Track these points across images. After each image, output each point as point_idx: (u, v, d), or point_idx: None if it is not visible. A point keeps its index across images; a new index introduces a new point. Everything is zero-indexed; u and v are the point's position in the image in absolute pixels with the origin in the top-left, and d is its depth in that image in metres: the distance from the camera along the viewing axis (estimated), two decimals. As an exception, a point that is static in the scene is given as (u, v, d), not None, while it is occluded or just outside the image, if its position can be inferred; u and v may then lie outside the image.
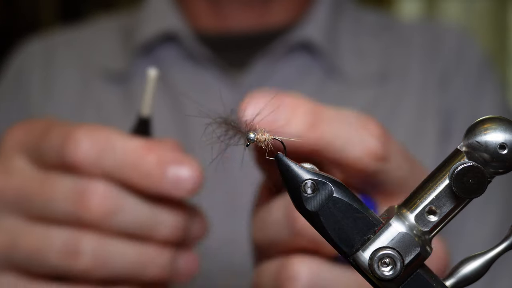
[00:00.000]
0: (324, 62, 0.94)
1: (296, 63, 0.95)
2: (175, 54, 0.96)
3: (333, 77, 0.94)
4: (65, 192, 0.50)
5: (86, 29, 1.07)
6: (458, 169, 0.32)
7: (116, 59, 0.97)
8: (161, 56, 0.96)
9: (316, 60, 0.94)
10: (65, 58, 1.00)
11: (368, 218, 0.33)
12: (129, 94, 0.95)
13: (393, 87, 0.95)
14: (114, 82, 0.96)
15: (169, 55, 0.96)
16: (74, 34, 1.06)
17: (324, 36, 0.94)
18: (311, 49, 0.94)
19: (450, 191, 0.33)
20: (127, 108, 0.94)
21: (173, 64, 0.96)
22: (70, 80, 0.98)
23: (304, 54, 0.95)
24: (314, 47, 0.94)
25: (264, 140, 0.35)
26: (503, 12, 3.49)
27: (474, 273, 0.34)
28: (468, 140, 0.33)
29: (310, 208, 0.33)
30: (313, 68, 0.95)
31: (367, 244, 0.33)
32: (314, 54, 0.94)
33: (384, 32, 1.00)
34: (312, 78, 0.94)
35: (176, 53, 0.96)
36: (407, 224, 0.33)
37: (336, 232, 0.33)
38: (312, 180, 0.33)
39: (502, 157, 0.32)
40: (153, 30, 0.95)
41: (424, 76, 0.96)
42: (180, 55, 0.96)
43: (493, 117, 0.33)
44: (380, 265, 0.32)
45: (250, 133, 0.36)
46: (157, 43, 0.96)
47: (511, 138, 0.32)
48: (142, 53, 0.96)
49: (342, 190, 0.33)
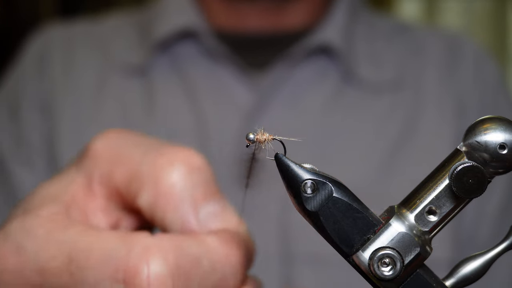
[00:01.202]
0: (341, 66, 0.94)
1: (314, 67, 0.95)
2: (193, 51, 0.96)
3: (350, 82, 0.94)
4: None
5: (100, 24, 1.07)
6: (458, 169, 0.32)
7: (134, 53, 0.98)
8: (179, 52, 0.97)
9: (334, 64, 0.94)
10: (85, 49, 1.01)
11: (368, 218, 0.33)
12: (148, 88, 0.95)
13: (409, 96, 0.94)
14: (133, 76, 0.96)
15: (187, 51, 0.97)
16: (91, 27, 1.06)
17: (343, 39, 0.94)
18: (330, 52, 0.94)
19: (450, 191, 0.33)
20: (146, 102, 0.94)
21: (191, 61, 0.96)
22: (90, 71, 0.98)
23: (322, 57, 0.95)
24: (332, 50, 0.93)
25: (264, 140, 0.35)
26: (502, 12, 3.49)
27: (474, 273, 0.34)
28: (468, 140, 0.33)
29: (310, 208, 0.33)
30: (330, 72, 0.94)
31: (367, 244, 0.33)
32: (332, 57, 0.94)
33: (398, 38, 1.00)
34: (329, 82, 0.94)
35: (194, 50, 0.96)
36: (407, 224, 0.33)
37: (336, 232, 0.33)
38: (312, 180, 0.33)
39: (502, 157, 0.32)
40: (171, 26, 0.95)
41: (440, 93, 0.95)
42: (198, 52, 0.96)
43: (493, 117, 0.33)
44: (380, 265, 0.32)
45: (250, 133, 0.36)
46: (175, 40, 0.96)
47: (511, 138, 0.32)
48: (160, 48, 0.96)
49: (342, 190, 0.33)
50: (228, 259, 0.40)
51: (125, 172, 0.43)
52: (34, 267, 0.40)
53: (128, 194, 0.43)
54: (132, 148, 0.44)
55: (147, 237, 0.39)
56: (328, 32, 0.94)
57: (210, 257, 0.39)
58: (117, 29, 1.03)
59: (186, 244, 0.39)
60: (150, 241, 0.38)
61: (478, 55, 1.00)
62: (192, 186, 0.42)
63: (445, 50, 1.00)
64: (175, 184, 0.41)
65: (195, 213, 0.42)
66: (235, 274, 0.40)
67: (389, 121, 0.93)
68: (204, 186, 0.42)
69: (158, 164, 0.42)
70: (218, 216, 0.42)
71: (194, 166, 0.42)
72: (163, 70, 0.96)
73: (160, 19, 0.97)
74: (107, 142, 0.44)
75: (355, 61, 0.94)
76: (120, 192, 0.43)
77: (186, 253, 0.39)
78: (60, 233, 0.40)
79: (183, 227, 0.41)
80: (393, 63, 0.97)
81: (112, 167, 0.43)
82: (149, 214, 0.42)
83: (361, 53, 0.96)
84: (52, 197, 0.43)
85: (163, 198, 0.41)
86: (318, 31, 0.95)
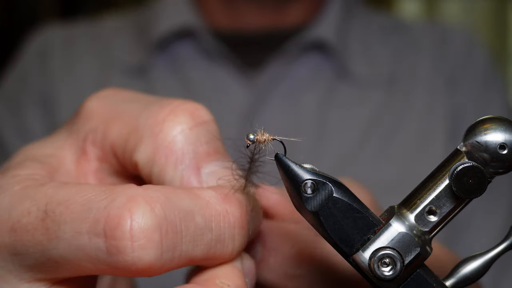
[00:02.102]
0: (336, 62, 0.95)
1: (309, 64, 0.96)
2: (190, 50, 0.97)
3: (344, 78, 0.95)
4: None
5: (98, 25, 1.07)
6: (458, 169, 0.32)
7: (133, 53, 0.98)
8: (177, 51, 0.97)
9: (328, 60, 0.95)
10: (84, 50, 1.01)
11: (368, 218, 0.33)
12: (146, 87, 0.95)
13: (402, 89, 0.96)
14: (133, 75, 0.97)
15: (184, 51, 0.97)
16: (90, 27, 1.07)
17: (337, 36, 0.95)
18: (324, 48, 0.95)
19: (450, 191, 0.33)
20: None
21: (189, 60, 0.97)
22: (89, 70, 0.99)
23: (317, 54, 0.96)
24: (326, 47, 0.95)
25: (264, 140, 0.35)
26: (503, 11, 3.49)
27: (474, 273, 0.34)
28: (468, 140, 0.33)
29: (310, 208, 0.33)
30: (324, 69, 0.96)
31: (367, 244, 0.33)
32: (327, 54, 0.95)
33: (393, 34, 1.02)
34: (323, 79, 0.95)
35: (192, 49, 0.97)
36: (407, 224, 0.33)
37: (336, 232, 0.33)
38: (312, 180, 0.33)
39: (502, 157, 0.32)
40: (169, 25, 0.96)
41: (432, 77, 0.97)
42: (195, 51, 0.97)
43: (493, 117, 0.33)
44: (380, 265, 0.32)
45: (250, 133, 0.35)
46: (173, 39, 0.97)
47: (511, 138, 0.32)
48: (158, 48, 0.96)
49: (342, 190, 0.33)
50: (227, 217, 0.34)
51: (122, 127, 0.38)
52: (6, 225, 0.35)
53: (125, 151, 0.38)
54: (131, 103, 0.40)
55: (132, 187, 0.33)
56: (322, 29, 0.95)
57: (205, 213, 0.34)
58: (116, 29, 1.04)
59: (178, 197, 0.34)
60: (136, 191, 0.33)
61: (468, 39, 1.01)
62: (196, 141, 0.37)
63: (438, 40, 1.01)
64: (177, 137, 0.37)
65: (197, 172, 0.37)
66: (234, 236, 0.35)
67: (383, 114, 0.94)
68: (209, 142, 0.37)
69: (159, 116, 0.37)
70: (222, 178, 0.36)
71: (199, 120, 0.38)
72: (161, 70, 0.97)
73: (158, 18, 0.98)
74: (102, 100, 0.40)
75: (349, 58, 0.95)
76: (115, 151, 0.39)
77: (177, 206, 0.33)
78: (37, 189, 0.35)
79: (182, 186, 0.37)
80: (387, 58, 0.98)
81: (107, 124, 0.39)
82: (147, 171, 0.37)
83: (355, 50, 0.97)
84: (35, 158, 0.39)
85: (162, 152, 0.37)
86: (312, 27, 0.95)
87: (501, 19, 3.49)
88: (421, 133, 0.93)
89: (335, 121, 0.93)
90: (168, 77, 0.96)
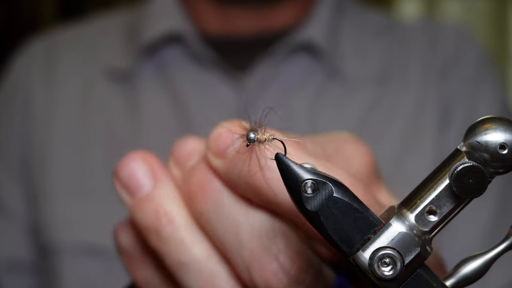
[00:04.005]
0: (326, 63, 0.94)
1: (298, 65, 0.95)
2: (179, 55, 0.96)
3: (335, 79, 0.94)
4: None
5: (88, 27, 1.06)
6: (458, 169, 0.32)
7: (120, 58, 0.98)
8: (165, 56, 0.97)
9: (318, 61, 0.95)
10: (69, 58, 1.00)
11: (368, 218, 0.33)
12: (133, 93, 0.95)
13: (394, 87, 0.96)
14: (118, 81, 0.96)
15: (173, 56, 0.96)
16: (76, 32, 1.06)
17: (326, 37, 0.94)
18: (313, 50, 0.94)
19: (450, 191, 0.33)
20: (131, 108, 0.94)
21: (177, 65, 0.96)
22: (74, 80, 0.98)
23: (306, 55, 0.95)
24: (315, 48, 0.94)
25: (264, 140, 0.35)
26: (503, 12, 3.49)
27: (474, 273, 0.34)
28: (468, 140, 0.33)
29: (310, 208, 0.33)
30: (314, 69, 0.95)
31: (367, 244, 0.33)
32: (316, 55, 0.95)
33: (386, 33, 1.01)
34: (314, 79, 0.95)
35: (181, 54, 0.96)
36: (407, 224, 0.33)
37: (336, 232, 0.33)
38: (312, 180, 0.33)
39: (502, 157, 0.32)
40: (158, 30, 0.95)
41: (423, 72, 0.97)
42: (184, 56, 0.96)
43: (493, 117, 0.33)
44: (380, 265, 0.32)
45: (250, 133, 0.36)
46: (161, 44, 0.96)
47: (511, 138, 0.32)
48: (146, 53, 0.96)
49: (342, 190, 0.33)
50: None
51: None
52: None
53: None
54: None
55: None
56: (311, 30, 0.95)
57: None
58: (105, 32, 1.03)
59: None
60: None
61: (459, 33, 1.01)
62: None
63: (429, 36, 1.01)
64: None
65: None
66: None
67: (374, 112, 0.94)
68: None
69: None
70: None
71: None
72: (149, 75, 0.96)
73: (146, 23, 0.97)
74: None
75: (340, 58, 0.95)
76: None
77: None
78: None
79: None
80: (379, 57, 0.97)
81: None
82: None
83: (347, 49, 0.96)
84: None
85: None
86: (301, 29, 0.95)
87: (501, 19, 3.49)
88: (411, 126, 0.94)
89: (327, 121, 0.93)
90: (155, 83, 0.95)
